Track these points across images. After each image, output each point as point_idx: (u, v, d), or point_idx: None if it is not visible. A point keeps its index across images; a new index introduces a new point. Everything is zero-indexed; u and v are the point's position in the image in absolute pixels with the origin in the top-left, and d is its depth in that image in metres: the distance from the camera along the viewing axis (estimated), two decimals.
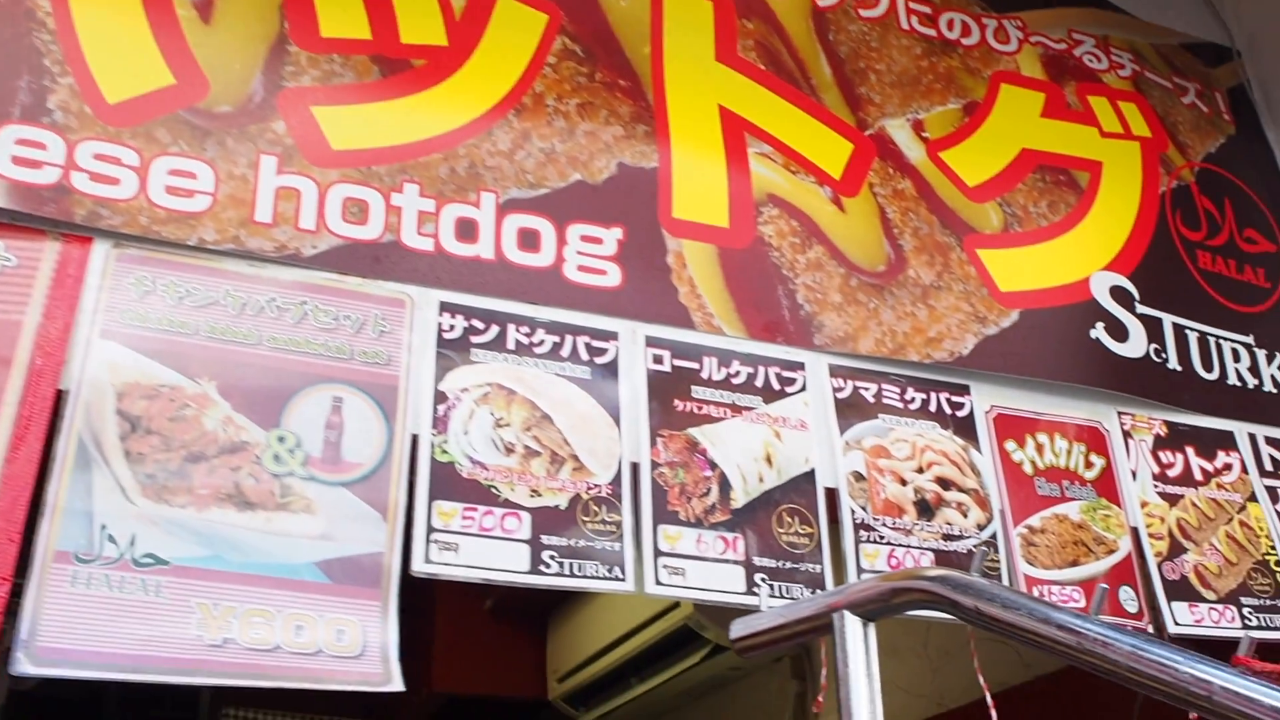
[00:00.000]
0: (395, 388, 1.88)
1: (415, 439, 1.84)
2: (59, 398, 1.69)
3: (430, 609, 4.73)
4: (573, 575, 1.84)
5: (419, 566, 1.76)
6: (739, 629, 1.59)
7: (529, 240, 2.04)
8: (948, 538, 2.13)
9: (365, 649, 1.70)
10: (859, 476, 2.12)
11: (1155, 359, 2.46)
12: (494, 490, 1.85)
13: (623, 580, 1.86)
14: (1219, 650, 1.78)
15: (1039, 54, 2.71)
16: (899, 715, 3.47)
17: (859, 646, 1.44)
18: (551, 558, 1.83)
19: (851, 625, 1.45)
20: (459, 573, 1.78)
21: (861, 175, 2.35)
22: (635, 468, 1.96)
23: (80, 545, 1.61)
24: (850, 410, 2.16)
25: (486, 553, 1.80)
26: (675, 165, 2.19)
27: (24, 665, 1.53)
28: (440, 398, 1.89)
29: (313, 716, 4.73)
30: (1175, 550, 2.30)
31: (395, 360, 1.89)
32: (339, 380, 1.85)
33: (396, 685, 1.69)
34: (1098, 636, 1.26)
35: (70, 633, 1.56)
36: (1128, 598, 2.23)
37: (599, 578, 1.85)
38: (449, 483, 1.83)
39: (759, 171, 2.26)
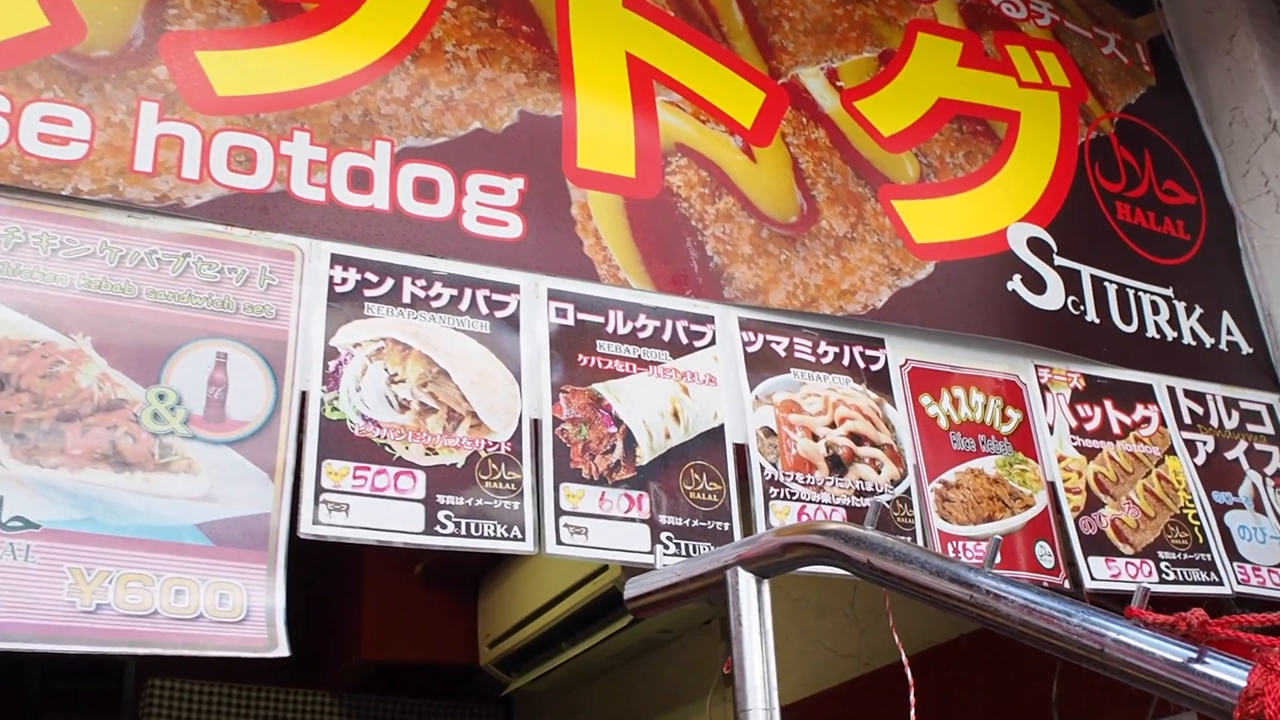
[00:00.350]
0: (283, 343, 1.80)
1: (304, 396, 1.78)
2: None
3: (359, 575, 4.68)
4: (469, 535, 1.78)
5: (307, 528, 1.70)
6: (633, 589, 1.55)
7: (426, 190, 1.97)
8: (860, 494, 2.10)
9: (249, 613, 1.63)
10: (769, 432, 2.07)
11: (1073, 311, 2.44)
12: (387, 449, 1.78)
13: (522, 540, 1.81)
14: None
15: (956, 2, 2.66)
16: (826, 675, 3.46)
17: (752, 604, 1.40)
18: (447, 518, 1.77)
19: (745, 582, 1.41)
20: (349, 534, 1.72)
21: (773, 125, 2.29)
22: (536, 425, 1.90)
23: None
24: (761, 364, 2.12)
25: (379, 513, 1.74)
26: (580, 114, 2.13)
27: None
28: (331, 353, 1.82)
29: (241, 685, 4.65)
30: (1092, 504, 2.29)
31: (284, 314, 1.82)
32: (223, 335, 1.77)
33: (282, 650, 1.62)
34: (990, 590, 1.23)
35: None
36: (1044, 553, 2.21)
37: (497, 538, 1.80)
38: (340, 441, 1.76)
39: (667, 120, 2.20)
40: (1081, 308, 2.45)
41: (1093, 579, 2.21)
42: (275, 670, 4.76)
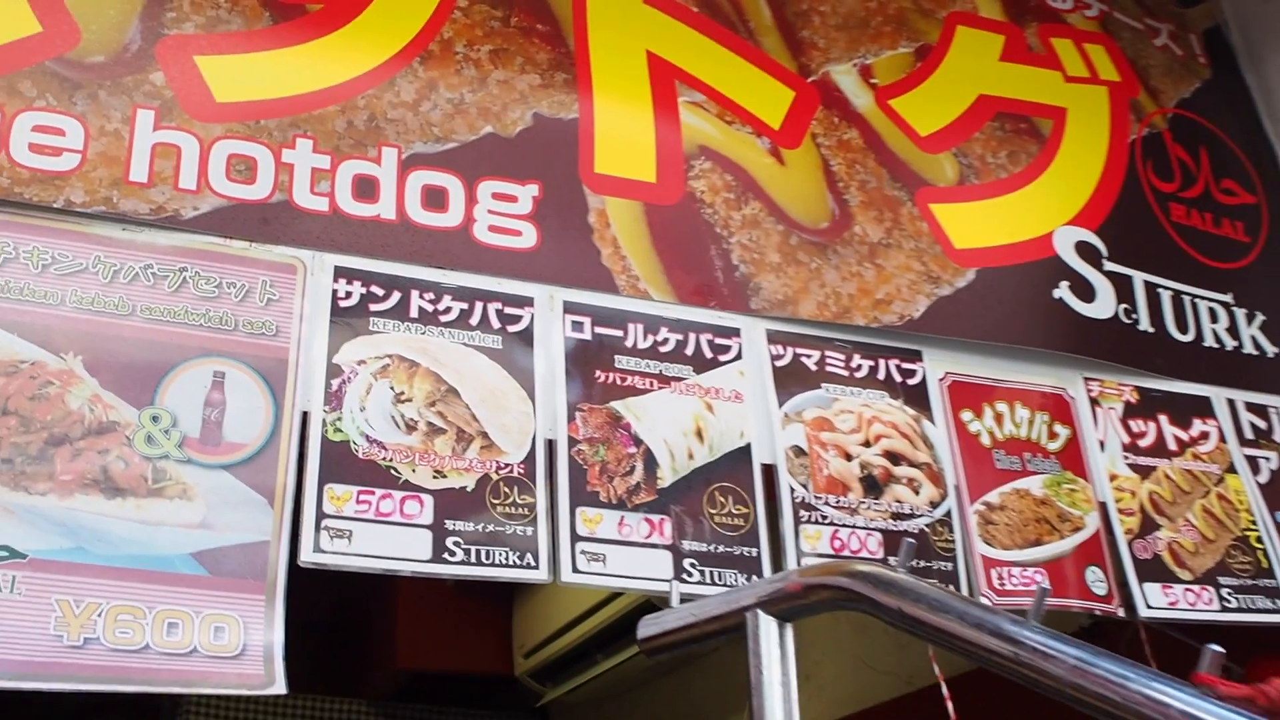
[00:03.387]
0: (284, 361, 1.72)
1: (306, 417, 1.69)
2: None
3: (393, 583, 4.62)
4: (480, 564, 1.68)
5: (307, 556, 1.61)
6: (646, 629, 1.44)
7: (435, 199, 1.88)
8: (897, 516, 1.98)
9: (245, 648, 1.54)
10: (799, 451, 1.96)
11: (1125, 320, 2.30)
12: (393, 471, 1.69)
13: (536, 568, 1.71)
14: (1196, 635, 1.63)
15: None
16: (866, 694, 3.34)
17: (773, 650, 1.29)
18: (456, 544, 1.68)
19: (766, 627, 1.30)
20: (352, 562, 1.63)
21: (803, 125, 2.18)
22: (551, 445, 1.80)
23: None
24: (790, 379, 2.00)
25: (384, 540, 1.65)
26: (598, 116, 2.03)
27: None
28: (334, 371, 1.73)
29: (276, 698, 4.60)
30: (1147, 527, 2.15)
31: (284, 331, 1.74)
32: (221, 353, 1.69)
33: (278, 688, 1.54)
34: (1037, 646, 1.11)
35: None
36: (1095, 579, 2.08)
37: (510, 565, 1.70)
38: (343, 464, 1.67)
39: (690, 122, 2.10)
40: (1134, 316, 2.32)
41: (1148, 607, 2.08)
42: (312, 678, 4.73)
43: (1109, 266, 2.32)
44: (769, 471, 1.93)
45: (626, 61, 2.08)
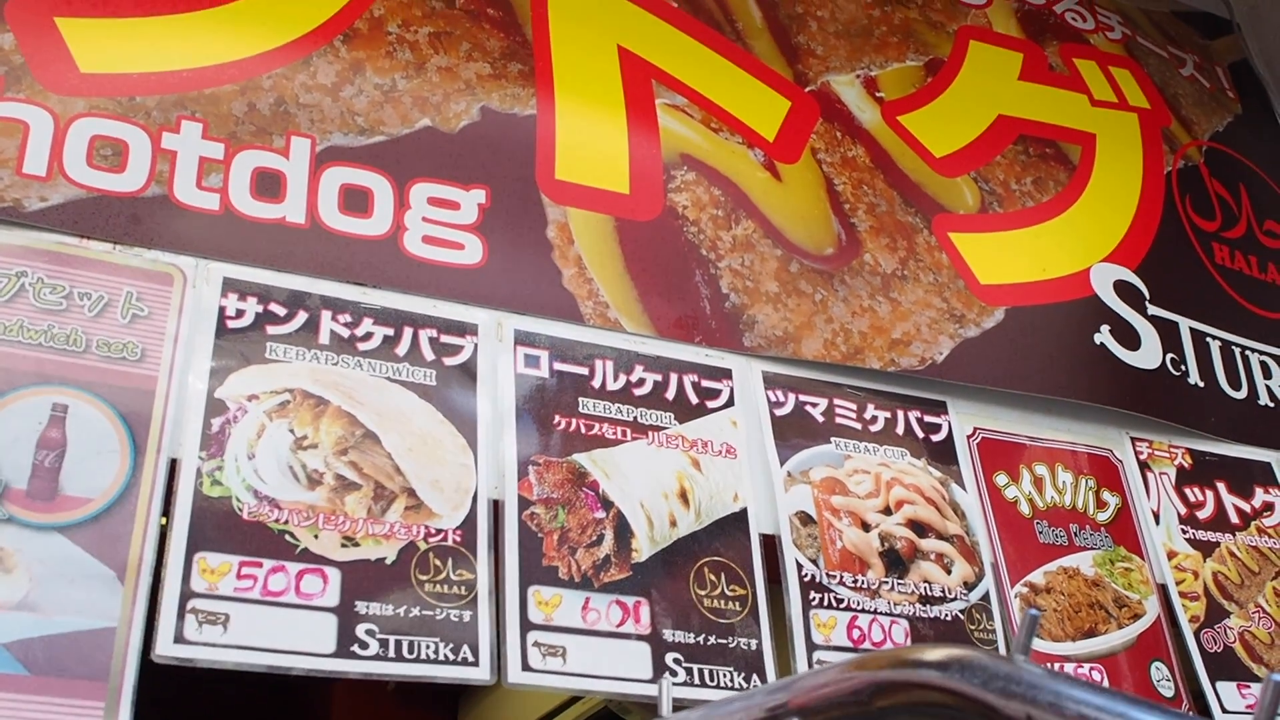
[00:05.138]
0: (150, 393, 1.32)
1: (174, 465, 1.29)
2: None
3: (325, 695, 4.13)
4: (401, 659, 1.27)
5: (164, 649, 1.20)
6: None
7: (356, 201, 1.51)
8: (927, 600, 1.60)
9: None
10: (806, 519, 1.58)
11: (1173, 371, 1.96)
12: (288, 538, 1.29)
13: (474, 664, 1.30)
14: None
15: (1013, 9, 2.24)
16: None
17: None
18: (370, 633, 1.27)
19: None
20: (224, 656, 1.22)
21: (802, 138, 1.84)
22: (497, 507, 1.41)
23: None
24: (793, 431, 1.63)
25: (272, 628, 1.24)
26: (560, 113, 1.68)
27: None
28: (217, 408, 1.33)
29: None
30: (1215, 614, 1.79)
31: (152, 355, 1.34)
32: (63, 382, 1.29)
33: None
34: None
35: None
36: (1161, 677, 1.70)
37: (440, 661, 1.29)
38: (221, 527, 1.27)
39: (670, 127, 1.75)
40: (1183, 367, 1.98)
41: (1224, 711, 1.70)
42: None
43: (1152, 310, 1.99)
44: (769, 543, 1.54)
45: (594, 55, 1.75)
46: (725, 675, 1.42)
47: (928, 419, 1.75)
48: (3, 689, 1.14)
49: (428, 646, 1.29)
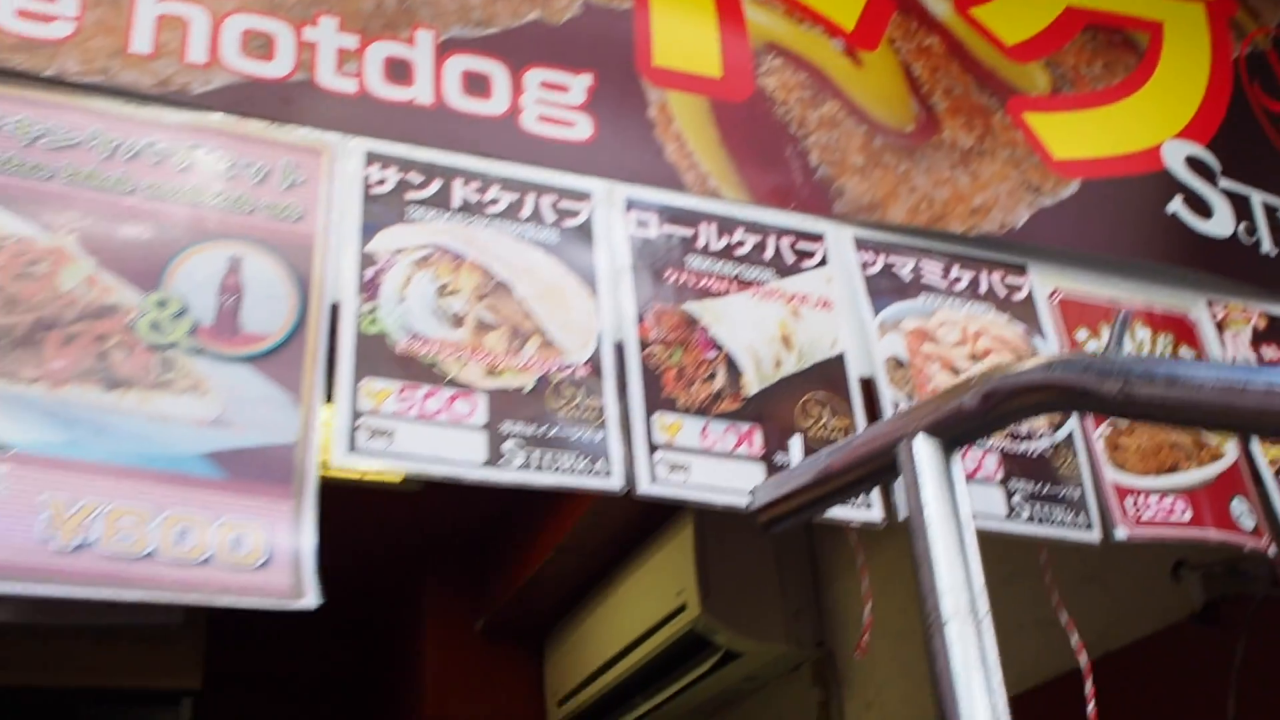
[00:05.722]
0: (309, 247, 1.48)
1: (336, 307, 1.45)
2: None
3: (419, 631, 4.31)
4: (543, 469, 1.42)
5: (341, 458, 1.35)
6: (762, 494, 1.16)
7: (476, 85, 1.66)
8: (1014, 437, 1.71)
9: (271, 557, 1.28)
10: (899, 364, 1.71)
11: (1245, 240, 2.05)
12: (437, 369, 1.44)
13: (609, 475, 1.45)
14: None
15: None
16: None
17: (938, 482, 1.00)
18: (517, 446, 1.42)
19: (925, 454, 1.01)
20: (394, 464, 1.38)
21: (879, 28, 1.97)
22: (620, 347, 1.55)
23: None
24: (884, 288, 1.76)
25: (430, 440, 1.39)
26: (654, 7, 1.82)
27: None
28: (368, 260, 1.49)
29: None
30: None
31: (310, 215, 1.50)
32: (237, 236, 1.46)
33: (309, 601, 1.27)
34: None
35: None
36: (1241, 511, 1.80)
37: (579, 472, 1.44)
38: (380, 358, 1.43)
39: (755, 19, 1.89)
40: (1255, 237, 2.07)
41: None
42: None
43: (1224, 184, 2.08)
44: (866, 385, 1.67)
45: None
46: None
47: (1010, 280, 1.86)
48: (207, 489, 1.30)
49: (567, 459, 1.43)
